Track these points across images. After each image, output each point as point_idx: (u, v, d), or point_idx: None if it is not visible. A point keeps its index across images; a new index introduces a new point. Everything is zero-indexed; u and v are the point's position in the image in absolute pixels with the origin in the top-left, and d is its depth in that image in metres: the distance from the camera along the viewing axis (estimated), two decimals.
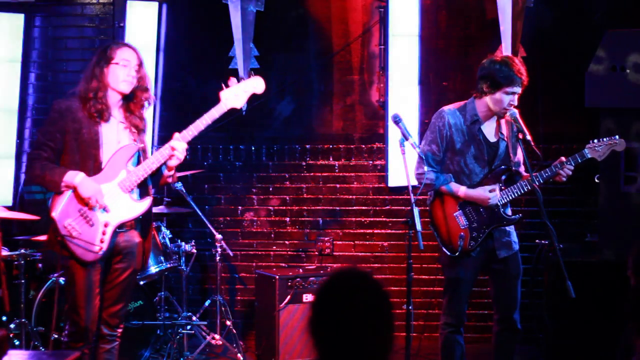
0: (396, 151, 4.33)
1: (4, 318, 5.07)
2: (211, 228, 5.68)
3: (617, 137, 4.27)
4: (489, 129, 4.32)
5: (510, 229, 4.38)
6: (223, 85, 4.08)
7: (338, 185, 6.31)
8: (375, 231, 6.28)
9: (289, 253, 6.33)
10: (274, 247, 6.34)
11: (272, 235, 6.34)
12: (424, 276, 6.07)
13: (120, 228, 3.97)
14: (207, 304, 5.76)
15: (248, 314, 6.25)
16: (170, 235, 5.57)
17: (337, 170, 6.31)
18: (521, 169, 4.40)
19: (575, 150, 4.28)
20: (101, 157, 3.92)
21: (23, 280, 5.06)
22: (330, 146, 6.32)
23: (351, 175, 6.30)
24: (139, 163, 4.03)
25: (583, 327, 4.83)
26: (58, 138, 3.90)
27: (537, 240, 5.33)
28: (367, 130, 6.31)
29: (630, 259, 3.15)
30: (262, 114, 6.29)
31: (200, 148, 6.32)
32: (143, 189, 4.03)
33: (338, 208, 6.30)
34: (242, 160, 6.35)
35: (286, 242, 6.34)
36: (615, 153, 4.33)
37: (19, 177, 6.16)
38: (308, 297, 5.43)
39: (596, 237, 5.18)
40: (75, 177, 3.84)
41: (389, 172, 6.15)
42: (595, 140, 4.27)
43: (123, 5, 6.08)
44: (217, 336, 5.54)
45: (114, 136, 3.97)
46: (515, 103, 4.23)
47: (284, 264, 6.26)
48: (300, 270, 5.71)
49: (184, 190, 5.56)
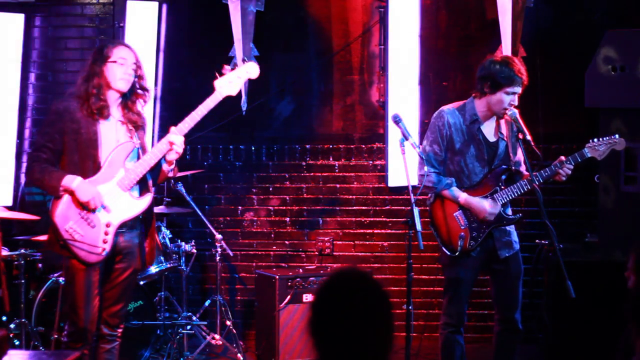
0: (396, 151, 4.33)
1: (4, 318, 5.07)
2: (211, 228, 5.68)
3: (617, 136, 4.27)
4: (488, 129, 4.32)
5: (511, 228, 4.38)
6: (217, 74, 4.07)
7: (338, 185, 6.31)
8: (375, 231, 6.28)
9: (289, 253, 6.33)
10: (274, 247, 6.33)
11: (272, 235, 6.34)
12: (424, 276, 6.07)
13: (121, 228, 3.96)
14: (207, 304, 5.76)
15: (248, 314, 6.25)
16: (170, 235, 5.57)
17: (337, 170, 6.31)
18: (522, 168, 4.39)
19: (575, 150, 4.28)
20: (100, 157, 3.91)
21: (23, 280, 5.05)
22: (330, 146, 6.31)
23: (351, 175, 6.30)
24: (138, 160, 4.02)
25: (583, 327, 4.83)
26: (57, 139, 3.90)
27: (537, 240, 5.33)
28: (367, 130, 6.31)
29: (631, 258, 3.15)
30: (262, 114, 6.29)
31: (200, 148, 6.32)
32: (143, 185, 4.02)
33: (338, 208, 6.30)
34: (242, 160, 6.35)
35: (286, 242, 6.34)
36: (615, 152, 4.33)
37: (19, 177, 6.15)
38: (308, 297, 5.43)
39: (596, 237, 5.18)
40: (72, 182, 3.83)
41: (389, 172, 6.15)
42: (595, 140, 4.27)
43: (123, 5, 6.08)
44: (217, 336, 5.54)
45: (113, 135, 3.96)
46: (516, 103, 4.23)
47: (284, 264, 6.25)
48: (300, 270, 5.70)
49: (184, 190, 5.56)
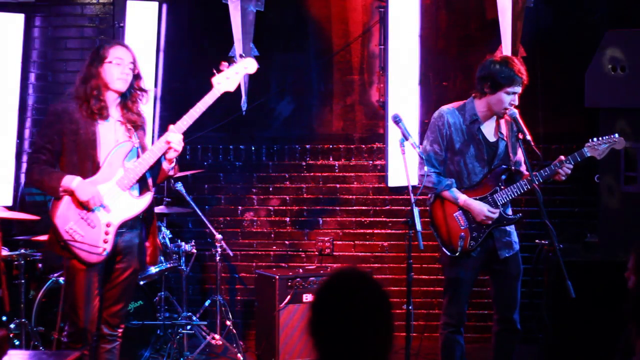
0: (396, 151, 4.32)
1: (4, 318, 5.07)
2: (211, 228, 5.68)
3: (617, 135, 4.27)
4: (488, 129, 4.32)
5: (511, 228, 4.37)
6: (215, 70, 4.06)
7: (338, 185, 6.31)
8: (375, 231, 6.28)
9: (289, 253, 6.33)
10: (274, 247, 6.33)
11: (272, 235, 6.34)
12: (424, 276, 6.07)
13: (121, 228, 3.96)
14: (207, 304, 5.76)
15: (248, 314, 6.25)
16: (170, 235, 5.57)
17: (337, 170, 6.31)
18: (522, 168, 4.39)
19: (575, 150, 4.28)
20: (99, 157, 3.91)
21: (23, 280, 5.05)
22: (330, 146, 6.31)
23: (351, 175, 6.30)
24: None
25: (583, 327, 4.83)
26: (56, 140, 3.90)
27: (537, 240, 5.32)
28: (367, 130, 6.31)
29: (631, 259, 3.15)
30: (262, 114, 6.29)
31: (200, 148, 6.32)
32: (143, 184, 4.02)
33: (338, 208, 6.30)
34: (242, 160, 6.35)
35: (286, 242, 6.34)
36: (614, 152, 4.33)
37: (19, 177, 6.15)
38: (308, 297, 5.43)
39: (596, 237, 5.18)
40: (72, 182, 3.83)
41: (389, 172, 6.15)
42: (595, 139, 4.27)
43: (123, 5, 6.08)
44: (217, 336, 5.54)
45: (112, 135, 3.96)
46: (516, 102, 4.22)
47: (284, 264, 6.25)
48: (300, 270, 5.70)
49: (184, 190, 5.56)
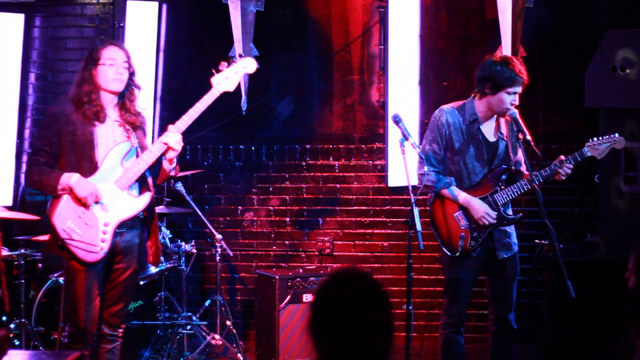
0: (396, 151, 4.32)
1: (4, 318, 5.07)
2: (211, 228, 5.68)
3: (617, 135, 4.26)
4: (488, 129, 4.32)
5: (511, 229, 4.37)
6: (214, 70, 4.06)
7: (338, 185, 6.30)
8: (375, 231, 6.28)
9: (289, 253, 6.33)
10: (274, 247, 6.33)
11: (272, 235, 6.33)
12: (424, 276, 6.07)
13: (120, 228, 3.96)
14: (207, 304, 5.76)
15: (248, 314, 6.25)
16: (170, 235, 5.57)
17: (337, 170, 6.31)
18: (522, 168, 4.39)
19: (575, 150, 4.27)
20: (97, 158, 3.91)
21: (23, 280, 5.06)
22: (330, 146, 6.31)
23: (351, 175, 6.30)
24: None
25: (583, 327, 4.83)
26: (54, 142, 3.91)
27: (537, 240, 5.32)
28: (367, 130, 6.30)
29: (631, 259, 3.15)
30: (262, 114, 6.29)
31: (200, 148, 6.32)
32: (142, 184, 4.01)
33: (338, 208, 6.30)
34: (242, 160, 6.35)
35: (286, 242, 6.33)
36: (614, 152, 4.32)
37: (19, 177, 6.15)
38: (308, 297, 5.43)
39: (596, 237, 5.18)
40: (70, 178, 3.84)
41: (389, 172, 6.15)
42: (595, 139, 4.27)
43: (123, 5, 6.08)
44: (217, 336, 5.54)
45: (110, 135, 3.96)
46: (517, 102, 4.22)
47: (284, 264, 6.25)
48: (300, 270, 5.70)
49: (184, 190, 5.56)
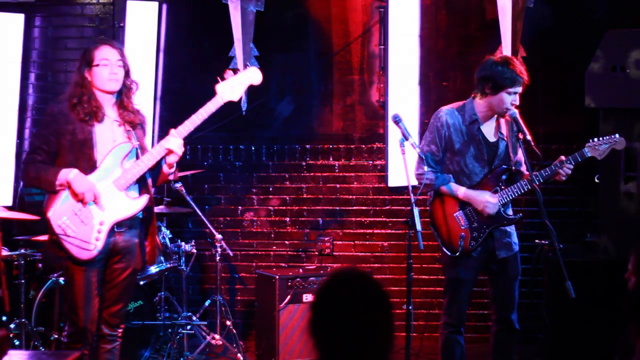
0: (396, 151, 4.32)
1: (4, 318, 5.07)
2: (211, 228, 5.67)
3: (617, 136, 4.26)
4: (488, 129, 4.31)
5: (511, 229, 4.37)
6: (219, 78, 4.06)
7: (338, 185, 6.30)
8: (375, 231, 6.28)
9: (289, 253, 6.33)
10: (274, 247, 6.33)
11: (272, 235, 6.33)
12: (424, 276, 6.07)
13: (119, 227, 3.96)
14: (207, 304, 5.75)
15: (248, 314, 6.25)
16: (170, 235, 5.56)
17: (337, 170, 6.31)
18: (522, 168, 4.39)
19: (575, 150, 4.27)
20: (95, 157, 3.90)
21: (23, 280, 5.05)
22: (330, 146, 6.31)
23: (351, 175, 6.30)
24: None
25: (583, 327, 4.83)
26: (52, 141, 3.90)
27: (537, 240, 5.32)
28: (367, 130, 6.30)
29: (631, 259, 3.15)
30: (262, 114, 6.29)
31: (200, 148, 6.32)
32: (142, 185, 4.01)
33: (338, 208, 6.30)
34: (242, 160, 6.35)
35: (286, 242, 6.33)
36: (615, 152, 4.32)
37: (19, 177, 6.15)
38: (308, 297, 5.43)
39: (596, 237, 5.18)
40: (69, 174, 3.83)
41: (389, 172, 6.14)
42: (595, 139, 4.26)
43: (123, 5, 6.08)
44: (217, 336, 5.54)
45: (109, 135, 3.96)
46: (517, 102, 4.22)
47: (284, 264, 6.25)
48: (300, 270, 5.70)
49: (184, 190, 5.55)
